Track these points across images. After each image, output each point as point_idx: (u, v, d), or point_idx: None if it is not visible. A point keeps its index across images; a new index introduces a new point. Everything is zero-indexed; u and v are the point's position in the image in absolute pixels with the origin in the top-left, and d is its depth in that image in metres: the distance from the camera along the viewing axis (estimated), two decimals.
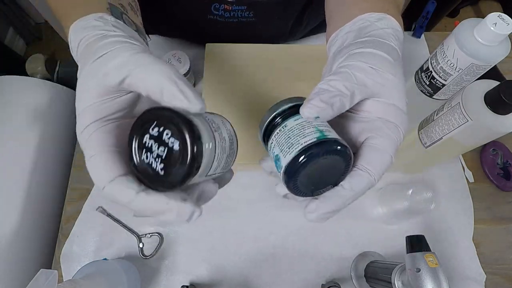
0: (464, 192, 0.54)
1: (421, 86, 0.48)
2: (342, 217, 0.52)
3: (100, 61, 0.24)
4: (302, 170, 0.23)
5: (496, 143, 0.57)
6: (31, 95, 0.61)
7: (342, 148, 0.22)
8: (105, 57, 0.24)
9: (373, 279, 0.44)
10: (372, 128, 0.26)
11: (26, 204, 0.54)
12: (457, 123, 0.39)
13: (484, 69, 0.40)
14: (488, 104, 0.36)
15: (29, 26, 1.54)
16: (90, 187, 0.54)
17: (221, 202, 0.53)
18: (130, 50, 0.25)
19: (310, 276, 0.49)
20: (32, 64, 0.66)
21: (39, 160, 0.58)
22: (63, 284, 0.34)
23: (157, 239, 0.51)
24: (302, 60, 0.55)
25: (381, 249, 0.50)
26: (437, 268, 0.32)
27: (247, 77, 0.54)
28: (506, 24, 0.36)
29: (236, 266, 0.49)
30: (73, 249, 0.50)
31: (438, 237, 0.51)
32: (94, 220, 0.52)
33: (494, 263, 0.50)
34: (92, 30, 0.26)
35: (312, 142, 0.22)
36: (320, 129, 0.23)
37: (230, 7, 0.52)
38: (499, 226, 0.53)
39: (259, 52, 0.56)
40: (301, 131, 0.23)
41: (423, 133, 0.46)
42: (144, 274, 0.49)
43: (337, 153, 0.22)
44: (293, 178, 0.23)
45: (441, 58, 0.42)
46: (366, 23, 0.31)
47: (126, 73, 0.23)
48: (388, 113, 0.26)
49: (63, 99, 0.65)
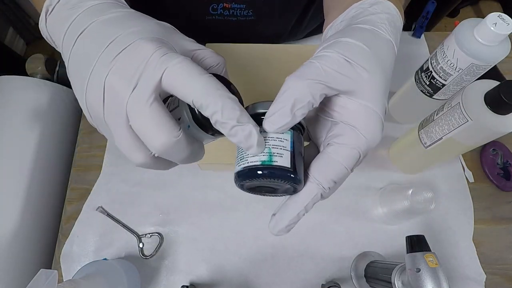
0: (464, 192, 0.54)
1: (421, 86, 0.48)
2: (342, 217, 0.52)
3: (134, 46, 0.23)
4: (244, 182, 0.24)
5: (496, 143, 0.57)
6: (31, 95, 0.61)
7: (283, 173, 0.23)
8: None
9: (373, 279, 0.44)
10: (334, 133, 0.25)
11: (26, 204, 0.54)
12: (457, 123, 0.39)
13: (484, 69, 0.40)
14: (488, 104, 0.36)
15: (29, 26, 1.54)
16: (90, 187, 0.54)
17: (221, 202, 0.53)
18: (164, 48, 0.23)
19: (310, 276, 0.49)
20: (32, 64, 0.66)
21: (39, 160, 0.58)
22: (63, 284, 0.34)
23: (157, 239, 0.51)
24: (302, 60, 0.54)
25: (381, 249, 0.50)
26: (437, 268, 0.32)
27: (247, 77, 0.54)
28: (506, 24, 0.36)
29: (236, 266, 0.49)
30: (73, 249, 0.50)
31: (438, 237, 0.51)
32: (94, 220, 0.52)
33: (494, 263, 0.50)
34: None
35: (254, 165, 0.23)
36: (272, 151, 0.23)
37: (229, 5, 0.52)
38: (499, 226, 0.53)
39: (259, 52, 0.56)
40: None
41: (423, 133, 0.46)
42: (144, 274, 0.49)
43: (278, 177, 0.23)
44: (239, 184, 0.25)
45: (441, 58, 0.42)
46: (359, 10, 0.29)
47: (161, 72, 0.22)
48: (356, 116, 0.24)
49: (63, 99, 0.65)
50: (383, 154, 0.56)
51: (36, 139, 0.59)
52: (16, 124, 0.58)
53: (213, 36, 0.56)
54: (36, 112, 0.60)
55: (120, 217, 0.52)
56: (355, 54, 0.23)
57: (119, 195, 0.53)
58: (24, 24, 1.51)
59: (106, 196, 0.53)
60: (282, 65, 0.55)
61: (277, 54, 0.55)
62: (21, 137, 0.58)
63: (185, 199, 0.53)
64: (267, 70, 0.54)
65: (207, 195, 0.53)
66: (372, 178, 0.54)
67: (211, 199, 0.53)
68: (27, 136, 0.58)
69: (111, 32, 0.23)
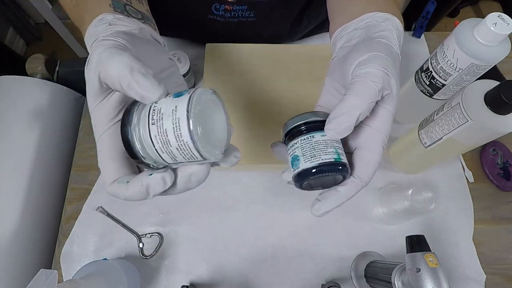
0: (464, 192, 0.54)
1: (421, 86, 0.48)
2: (342, 217, 0.52)
3: (87, 67, 0.26)
4: (313, 177, 0.28)
5: (496, 143, 0.57)
6: (31, 95, 0.61)
7: (346, 170, 0.29)
8: (87, 62, 0.26)
9: (373, 279, 0.44)
10: (364, 139, 0.30)
11: (26, 204, 0.54)
12: (457, 123, 0.39)
13: (484, 69, 0.40)
14: (488, 104, 0.36)
15: (29, 26, 1.54)
16: (90, 187, 0.54)
17: (221, 202, 0.53)
18: (101, 47, 0.26)
19: (310, 276, 0.49)
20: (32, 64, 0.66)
21: (39, 160, 0.58)
22: (63, 284, 0.34)
23: (157, 239, 0.51)
24: (302, 60, 0.55)
25: (381, 249, 0.50)
26: (437, 268, 0.32)
27: (247, 77, 0.54)
28: (506, 24, 0.36)
29: (236, 266, 0.49)
30: (73, 249, 0.50)
31: (438, 237, 0.51)
32: (94, 220, 0.52)
33: (494, 263, 0.50)
34: (90, 40, 0.29)
35: (329, 161, 0.28)
36: (338, 152, 0.29)
37: (231, 7, 0.52)
38: (499, 226, 0.53)
39: (259, 52, 0.56)
40: (324, 147, 0.29)
41: (423, 133, 0.46)
42: (144, 274, 0.49)
43: (341, 173, 0.29)
44: (304, 179, 0.29)
45: (441, 58, 0.42)
46: (373, 22, 0.32)
47: (98, 71, 0.25)
48: (382, 120, 0.29)
49: (63, 99, 0.65)
50: (383, 154, 0.56)
51: (36, 139, 0.59)
52: (16, 124, 0.58)
53: (213, 36, 0.56)
54: (36, 112, 0.60)
55: (120, 217, 0.52)
56: (389, 67, 0.28)
57: None
58: (24, 24, 1.51)
59: (106, 196, 0.53)
60: (282, 65, 0.55)
61: (277, 54, 0.55)
62: (21, 137, 0.58)
63: (185, 199, 0.53)
64: (267, 70, 0.54)
65: (207, 195, 0.53)
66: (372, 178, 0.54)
67: (211, 199, 0.53)
68: (27, 136, 0.58)
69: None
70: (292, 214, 0.52)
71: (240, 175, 0.54)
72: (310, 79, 0.53)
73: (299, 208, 0.52)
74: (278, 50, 0.56)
